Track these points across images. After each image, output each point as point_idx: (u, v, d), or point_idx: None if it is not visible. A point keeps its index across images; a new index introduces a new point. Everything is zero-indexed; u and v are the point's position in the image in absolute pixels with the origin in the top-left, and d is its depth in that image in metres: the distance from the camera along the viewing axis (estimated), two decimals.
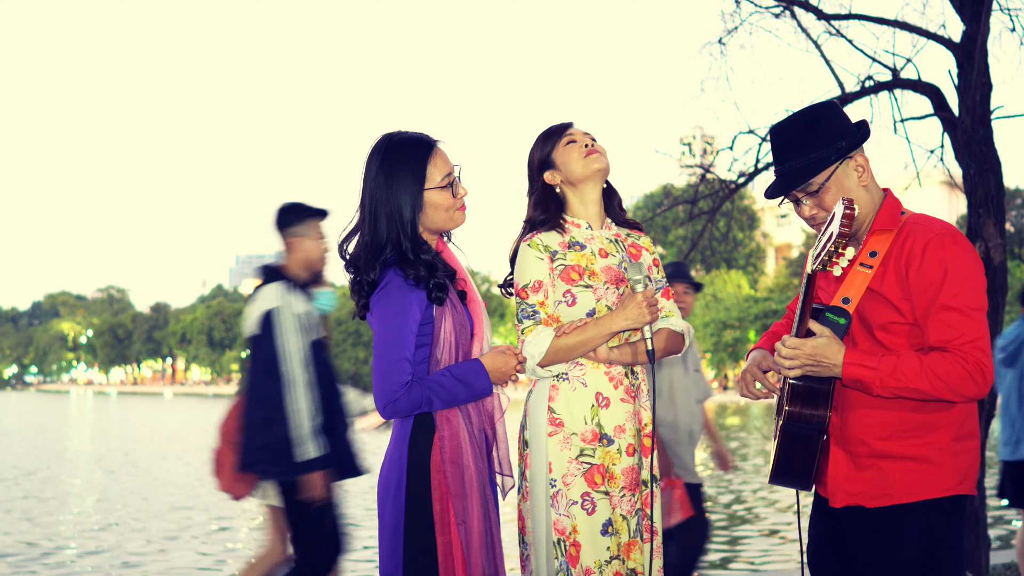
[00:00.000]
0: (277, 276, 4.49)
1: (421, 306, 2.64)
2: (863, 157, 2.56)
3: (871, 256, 2.49)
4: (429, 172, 2.68)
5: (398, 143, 2.71)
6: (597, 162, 2.96)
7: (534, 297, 2.92)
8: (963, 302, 2.37)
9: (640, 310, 2.84)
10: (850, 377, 2.37)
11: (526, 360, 2.86)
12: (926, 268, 2.41)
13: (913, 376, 2.33)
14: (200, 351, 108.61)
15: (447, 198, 2.71)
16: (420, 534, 2.63)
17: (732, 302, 58.45)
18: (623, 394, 2.92)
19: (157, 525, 10.53)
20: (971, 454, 2.50)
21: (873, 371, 2.34)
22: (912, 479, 2.46)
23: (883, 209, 2.55)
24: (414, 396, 2.61)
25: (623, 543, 2.88)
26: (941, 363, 2.34)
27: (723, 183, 6.55)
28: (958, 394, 2.35)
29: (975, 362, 2.34)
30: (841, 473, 2.54)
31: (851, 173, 2.54)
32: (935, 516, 2.46)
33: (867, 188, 2.56)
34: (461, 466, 2.66)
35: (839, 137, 2.51)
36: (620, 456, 2.89)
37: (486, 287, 75.78)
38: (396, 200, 2.66)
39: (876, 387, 2.35)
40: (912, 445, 2.46)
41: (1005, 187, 5.23)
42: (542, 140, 3.04)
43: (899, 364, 2.34)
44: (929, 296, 2.40)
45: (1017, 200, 48.11)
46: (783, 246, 74.72)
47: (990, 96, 5.26)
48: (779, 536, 9.56)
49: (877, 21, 5.75)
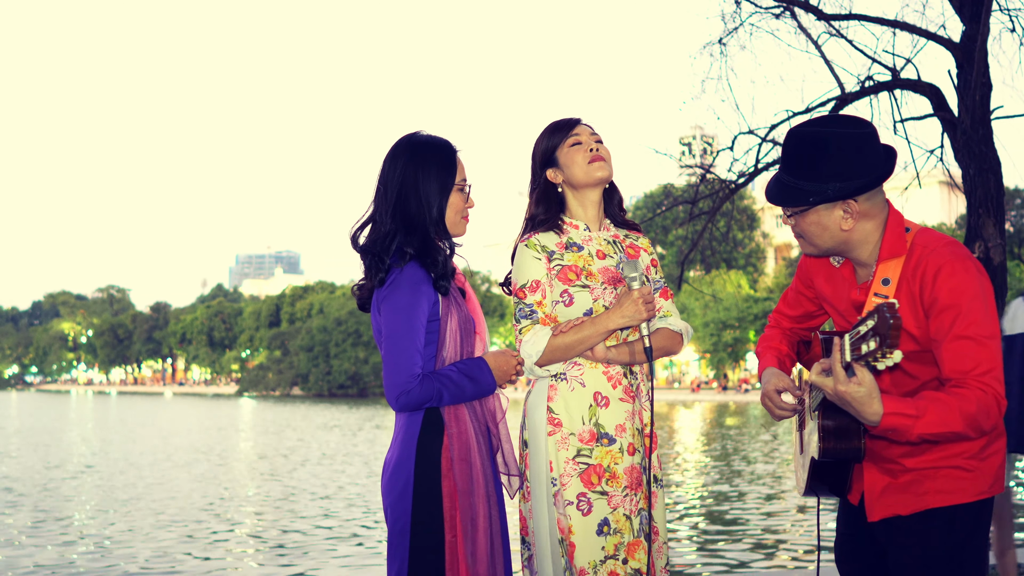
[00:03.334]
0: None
1: (430, 302, 2.68)
2: (859, 205, 2.45)
3: (884, 284, 2.46)
4: (457, 173, 2.78)
5: (427, 140, 2.80)
6: (600, 170, 2.95)
7: (531, 297, 2.92)
8: (978, 331, 2.34)
9: (636, 307, 2.84)
10: (886, 427, 2.29)
11: (524, 362, 2.87)
12: (939, 295, 2.37)
13: (948, 420, 2.29)
14: (200, 351, 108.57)
15: (460, 201, 2.79)
16: (427, 532, 2.63)
17: (732, 302, 58.43)
18: (622, 393, 2.92)
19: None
20: (1000, 455, 2.51)
21: (912, 419, 2.28)
22: (946, 486, 2.47)
23: (887, 233, 2.49)
24: (426, 388, 2.63)
25: (626, 543, 2.87)
26: (967, 401, 2.30)
27: (723, 183, 6.56)
28: (980, 430, 2.34)
29: (993, 395, 2.32)
30: (878, 487, 2.55)
31: (834, 215, 2.46)
32: (962, 518, 2.47)
33: (850, 233, 2.48)
34: (469, 464, 2.68)
35: (835, 178, 2.41)
36: (622, 455, 2.89)
37: (486, 287, 75.82)
38: (427, 186, 2.73)
39: (911, 434, 2.30)
40: (943, 457, 2.46)
41: (1005, 187, 5.24)
42: (548, 134, 3.03)
43: (932, 409, 2.29)
44: (944, 325, 2.37)
45: (1017, 200, 48.07)
46: (783, 246, 74.70)
47: (990, 96, 5.26)
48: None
49: (877, 21, 5.75)
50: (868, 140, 2.44)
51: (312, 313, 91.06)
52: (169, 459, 19.17)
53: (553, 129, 3.03)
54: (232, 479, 15.51)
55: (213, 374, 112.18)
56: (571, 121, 3.02)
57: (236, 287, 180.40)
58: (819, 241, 2.51)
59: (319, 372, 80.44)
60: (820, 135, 2.46)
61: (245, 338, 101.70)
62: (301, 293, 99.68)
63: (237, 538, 9.81)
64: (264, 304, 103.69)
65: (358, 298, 2.81)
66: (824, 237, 2.50)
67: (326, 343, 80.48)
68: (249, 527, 10.48)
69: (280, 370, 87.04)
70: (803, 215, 2.49)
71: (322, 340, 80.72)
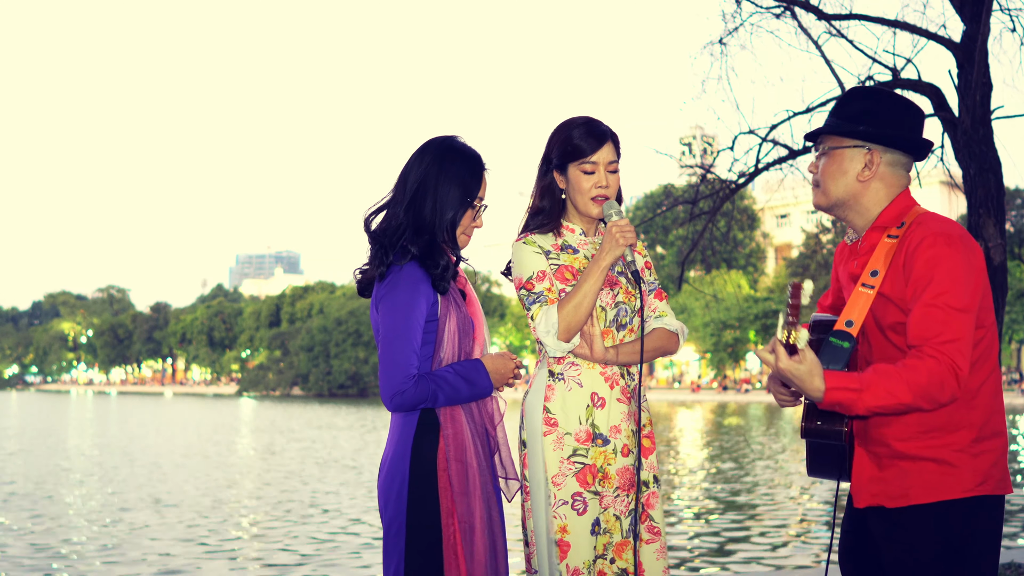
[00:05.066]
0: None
1: (428, 302, 2.68)
2: (883, 160, 2.56)
3: (872, 276, 2.51)
4: (480, 192, 2.78)
5: (460, 148, 2.79)
6: (596, 207, 2.95)
7: (540, 285, 2.92)
8: (947, 302, 2.36)
9: (612, 237, 2.85)
10: (831, 401, 2.33)
11: (525, 367, 2.87)
12: (916, 266, 2.42)
13: (895, 391, 2.30)
14: (200, 351, 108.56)
15: (469, 218, 2.79)
16: (422, 532, 2.63)
17: (732, 302, 58.42)
18: (619, 394, 2.93)
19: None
20: (995, 453, 2.48)
21: (855, 392, 2.31)
22: (930, 480, 2.45)
23: (891, 204, 2.57)
24: (421, 389, 2.63)
25: (615, 543, 2.88)
26: (917, 372, 2.31)
27: (723, 183, 6.56)
28: (934, 401, 2.33)
29: (948, 365, 2.32)
30: (865, 474, 2.56)
31: (856, 162, 2.57)
32: (952, 517, 2.44)
33: (865, 186, 2.57)
34: (465, 464, 2.67)
35: (871, 122, 2.54)
36: (615, 456, 2.90)
37: (486, 287, 75.80)
38: (446, 193, 2.73)
39: (858, 407, 2.33)
40: (931, 446, 2.46)
41: (1005, 187, 5.24)
42: (569, 142, 2.96)
43: (877, 382, 2.31)
44: (916, 293, 2.41)
45: (1017, 200, 48.08)
46: (783, 246, 74.69)
47: (990, 96, 5.26)
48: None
49: (877, 21, 5.75)
50: (913, 111, 2.58)
51: (312, 313, 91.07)
52: (168, 460, 19.17)
53: (577, 140, 2.95)
54: (232, 480, 15.51)
55: (213, 374, 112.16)
56: (595, 144, 2.94)
57: (236, 287, 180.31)
58: (833, 187, 2.59)
59: (319, 372, 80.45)
60: (875, 89, 2.67)
61: (245, 338, 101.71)
62: (301, 293, 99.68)
63: (237, 537, 9.81)
64: (264, 304, 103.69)
65: (358, 281, 2.81)
66: (839, 183, 2.58)
67: (326, 343, 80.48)
68: (250, 526, 10.48)
69: (280, 370, 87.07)
70: (830, 155, 2.59)
71: (322, 340, 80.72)
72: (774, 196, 51.74)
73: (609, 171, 2.96)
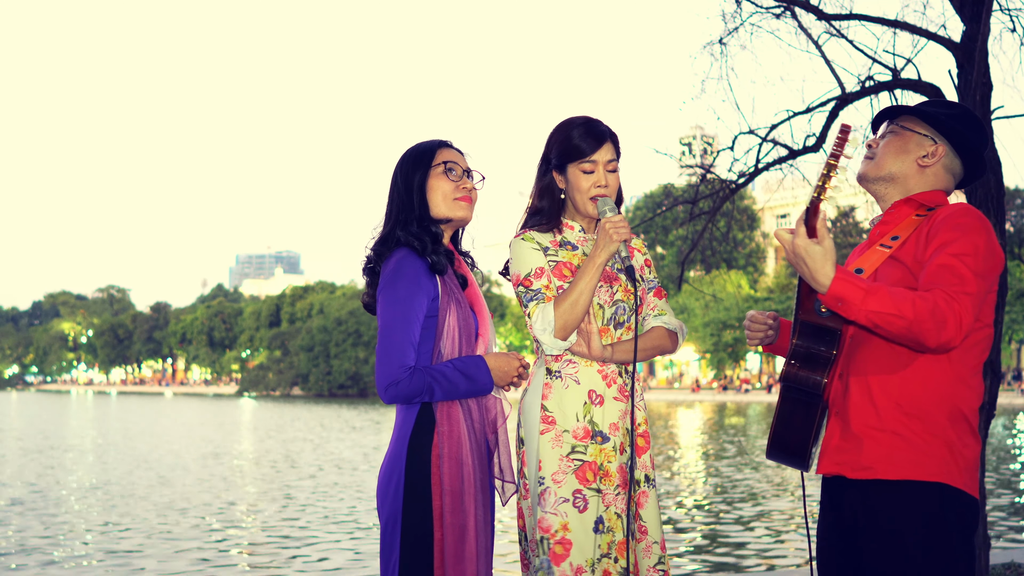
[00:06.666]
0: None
1: (429, 297, 2.68)
2: (944, 158, 2.63)
3: (892, 240, 2.55)
4: (435, 160, 2.82)
5: (415, 146, 2.87)
6: (592, 206, 2.95)
7: (538, 282, 2.92)
8: (966, 262, 2.39)
9: (606, 233, 2.84)
10: (836, 293, 2.30)
11: (528, 367, 2.86)
12: (943, 230, 2.46)
13: (900, 304, 2.28)
14: (200, 351, 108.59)
15: (444, 181, 2.79)
16: (417, 529, 2.63)
17: (732, 302, 58.43)
18: (616, 392, 2.93)
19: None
20: (968, 450, 2.47)
21: (863, 291, 2.29)
22: (895, 455, 2.45)
23: (929, 192, 2.62)
24: (416, 381, 2.62)
25: (617, 541, 2.88)
26: (926, 299, 2.29)
27: (723, 183, 6.55)
28: (929, 332, 2.29)
29: (957, 310, 2.29)
30: (833, 441, 2.56)
31: (922, 147, 2.62)
32: (927, 502, 2.43)
33: (920, 171, 2.62)
34: (460, 463, 2.67)
35: (943, 125, 2.60)
36: (615, 454, 2.90)
37: (486, 287, 75.82)
38: (407, 183, 2.79)
39: (861, 307, 2.29)
40: (903, 423, 2.45)
41: (1005, 187, 5.23)
42: (568, 141, 2.96)
43: (886, 290, 2.30)
44: (938, 249, 2.43)
45: (1017, 200, 48.09)
46: None
47: (990, 96, 5.25)
48: (788, 531, 9.57)
49: (877, 21, 5.74)
50: (985, 141, 2.68)
51: (312, 313, 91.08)
52: (168, 460, 19.17)
53: (576, 139, 2.95)
54: (233, 479, 15.51)
55: (213, 374, 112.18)
56: (594, 143, 2.94)
57: (236, 287, 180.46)
58: (890, 161, 2.64)
59: (319, 372, 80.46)
60: (954, 103, 2.73)
61: (245, 338, 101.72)
62: (301, 293, 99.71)
63: (238, 538, 9.81)
64: (264, 304, 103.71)
65: (365, 305, 2.87)
66: (896, 161, 2.63)
67: (326, 343, 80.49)
68: (249, 528, 10.48)
69: (280, 370, 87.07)
70: (899, 133, 2.65)
71: (322, 340, 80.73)
72: (774, 196, 51.71)
73: (608, 171, 2.96)
